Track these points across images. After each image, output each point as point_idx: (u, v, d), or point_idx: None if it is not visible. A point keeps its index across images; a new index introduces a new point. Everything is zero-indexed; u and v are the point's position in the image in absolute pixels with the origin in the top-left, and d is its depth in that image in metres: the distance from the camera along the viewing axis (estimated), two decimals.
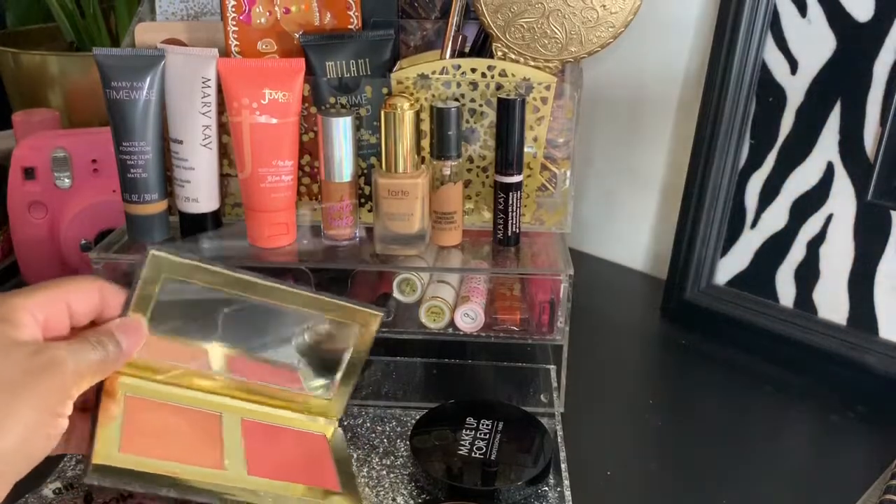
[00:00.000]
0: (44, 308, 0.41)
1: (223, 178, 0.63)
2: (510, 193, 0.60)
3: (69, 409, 0.39)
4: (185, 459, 0.44)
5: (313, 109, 0.61)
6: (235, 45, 0.61)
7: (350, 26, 0.62)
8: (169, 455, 0.44)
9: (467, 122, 0.61)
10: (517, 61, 0.61)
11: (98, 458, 0.41)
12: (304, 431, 0.53)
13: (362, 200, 0.63)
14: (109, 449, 0.42)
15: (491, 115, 0.60)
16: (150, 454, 0.43)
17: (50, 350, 0.39)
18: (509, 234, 0.62)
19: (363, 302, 0.52)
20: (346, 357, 0.53)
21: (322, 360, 0.53)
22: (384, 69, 0.61)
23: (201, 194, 0.61)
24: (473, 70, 0.60)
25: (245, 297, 0.49)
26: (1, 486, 0.36)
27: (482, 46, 0.66)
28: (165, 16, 0.66)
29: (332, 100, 0.61)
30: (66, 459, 0.56)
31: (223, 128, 0.61)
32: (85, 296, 0.43)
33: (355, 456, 0.57)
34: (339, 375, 0.54)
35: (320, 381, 0.54)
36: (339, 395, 0.54)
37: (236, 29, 0.60)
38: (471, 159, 0.62)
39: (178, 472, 0.43)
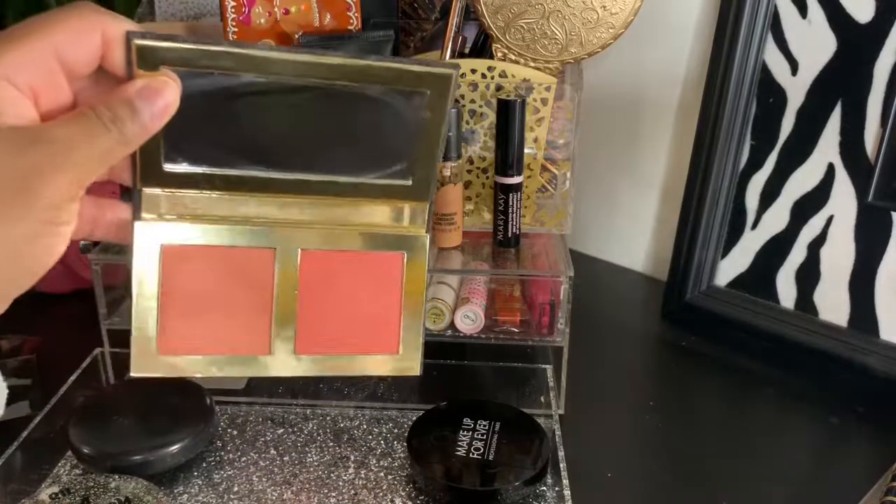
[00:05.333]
0: (27, 68, 0.30)
1: None
2: (510, 195, 0.60)
3: (75, 211, 0.31)
4: (229, 348, 0.40)
5: None
6: None
7: (350, 27, 0.62)
8: (211, 347, 0.40)
9: (467, 123, 0.61)
10: (517, 62, 0.61)
11: (136, 368, 0.38)
12: (377, 254, 0.43)
13: None
14: (147, 351, 0.38)
15: (491, 117, 0.60)
16: (190, 350, 0.39)
17: (43, 140, 0.30)
18: (509, 235, 0.61)
19: (425, 59, 0.40)
20: (419, 129, 0.41)
21: (389, 141, 0.42)
22: None
23: None
24: (473, 71, 0.60)
25: (271, 80, 0.37)
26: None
27: (482, 47, 0.66)
28: (165, 17, 0.66)
29: None
30: (62, 463, 0.56)
31: None
32: (81, 38, 0.31)
33: (352, 458, 0.57)
34: (414, 150, 0.42)
35: (395, 165, 0.43)
36: (423, 175, 0.43)
37: (236, 30, 0.60)
38: (471, 160, 0.62)
39: (219, 368, 0.40)
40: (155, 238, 0.39)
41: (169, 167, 0.38)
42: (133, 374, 0.38)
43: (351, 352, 0.42)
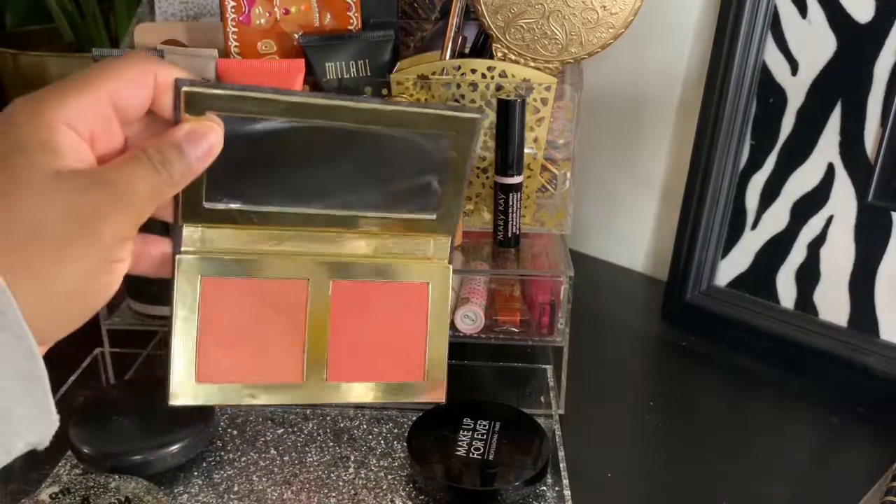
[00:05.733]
0: (86, 115, 0.32)
1: None
2: (510, 195, 0.60)
3: (130, 249, 0.33)
4: (264, 377, 0.42)
5: None
6: (235, 46, 0.61)
7: (350, 27, 0.62)
8: (247, 375, 0.42)
9: None
10: (517, 62, 0.61)
11: (175, 398, 0.40)
12: (404, 283, 0.46)
13: None
14: (185, 380, 0.40)
15: (491, 116, 0.60)
16: (227, 378, 0.41)
17: (101, 182, 0.31)
18: (509, 235, 0.61)
19: (452, 104, 0.43)
20: (444, 167, 0.44)
21: (415, 179, 0.44)
22: (384, 70, 0.61)
23: None
24: (473, 71, 0.60)
25: (307, 124, 0.40)
26: (52, 338, 0.33)
27: (482, 47, 0.66)
28: (165, 17, 0.66)
29: None
30: (62, 463, 0.56)
31: None
32: (136, 87, 0.33)
33: (352, 458, 0.57)
34: (440, 187, 0.44)
35: (421, 201, 0.45)
36: (447, 209, 0.45)
37: (236, 30, 0.60)
38: None
39: (254, 396, 0.41)
40: (195, 271, 0.41)
41: (209, 205, 0.40)
42: (171, 402, 0.39)
43: (379, 379, 0.44)
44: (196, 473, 0.55)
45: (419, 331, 0.46)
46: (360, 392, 0.44)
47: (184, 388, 0.40)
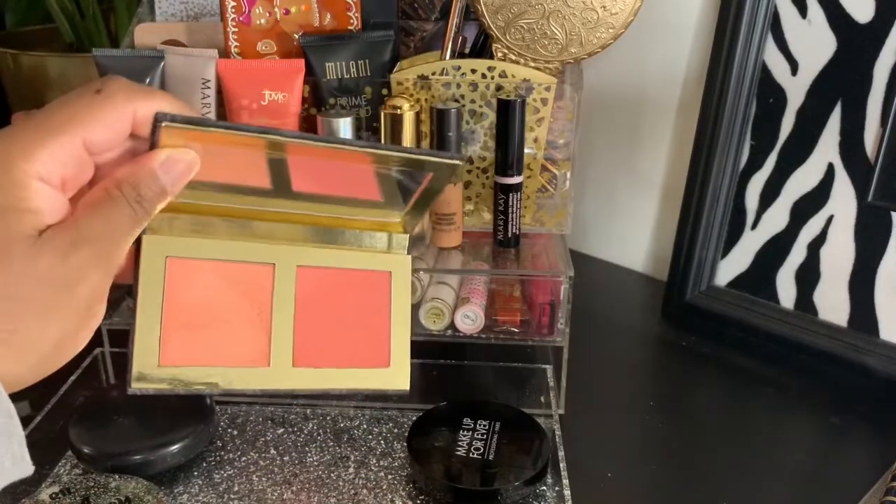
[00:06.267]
0: (60, 164, 0.30)
1: None
2: (510, 195, 0.60)
3: (106, 299, 0.33)
4: (229, 360, 0.42)
5: (313, 111, 0.61)
6: (235, 46, 0.61)
7: (350, 27, 0.62)
8: (212, 358, 0.41)
9: (467, 123, 0.61)
10: (517, 62, 0.61)
11: (137, 381, 0.39)
12: (367, 271, 0.46)
13: None
14: (148, 361, 0.39)
15: (491, 117, 0.60)
16: (191, 361, 0.40)
17: (81, 240, 0.30)
18: (509, 235, 0.61)
19: (431, 150, 0.44)
20: (418, 194, 0.45)
21: (388, 198, 0.46)
22: (384, 70, 0.61)
23: None
24: (473, 71, 0.60)
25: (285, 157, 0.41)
26: (22, 387, 0.32)
27: (482, 47, 0.66)
28: (165, 17, 0.66)
29: (331, 101, 0.61)
30: (62, 463, 0.56)
31: None
32: (113, 129, 0.32)
33: (352, 458, 0.57)
34: (410, 205, 0.46)
35: (389, 210, 0.47)
36: (411, 217, 0.47)
37: (236, 30, 0.60)
38: (471, 160, 0.62)
39: (220, 379, 0.41)
40: (161, 251, 0.40)
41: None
42: (133, 385, 0.38)
43: (345, 365, 0.44)
44: (196, 473, 0.55)
45: (383, 319, 0.46)
46: (327, 377, 0.43)
47: (147, 373, 0.39)
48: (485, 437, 0.55)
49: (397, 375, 0.45)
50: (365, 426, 0.60)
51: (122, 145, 0.33)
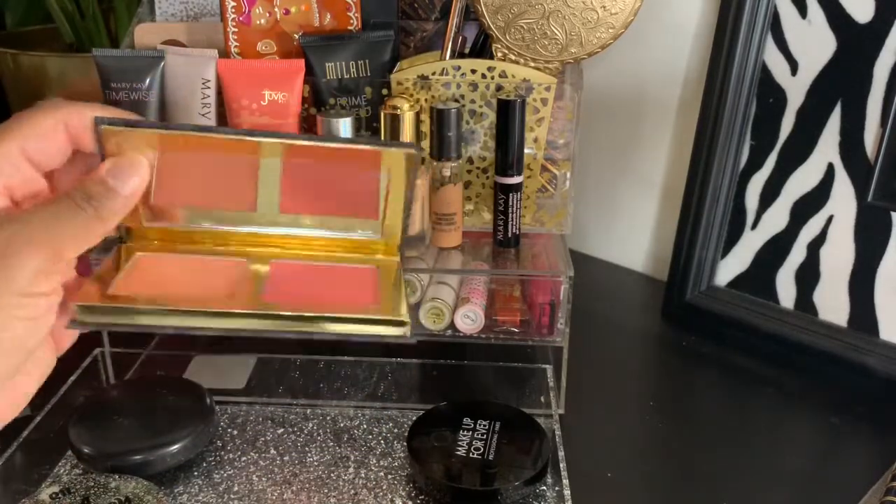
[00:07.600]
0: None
1: None
2: (510, 195, 0.60)
3: (55, 282, 0.34)
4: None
5: (313, 111, 0.61)
6: (235, 47, 0.61)
7: (350, 27, 0.62)
8: (171, 291, 0.39)
9: (467, 123, 0.61)
10: (517, 62, 0.61)
11: (83, 297, 0.36)
12: (350, 267, 0.45)
13: None
14: (99, 290, 0.37)
15: (491, 117, 0.60)
16: (148, 291, 0.38)
17: (18, 220, 0.32)
18: (509, 235, 0.61)
19: (385, 140, 0.43)
20: (385, 195, 0.43)
21: (357, 200, 0.44)
22: (384, 70, 0.61)
23: None
24: (473, 71, 0.60)
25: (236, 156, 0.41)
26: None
27: (482, 47, 0.66)
28: (165, 17, 0.66)
29: (331, 101, 0.61)
30: (62, 463, 0.56)
31: None
32: (46, 138, 0.34)
33: (352, 458, 0.57)
34: (380, 211, 0.44)
35: (363, 222, 0.45)
36: (390, 230, 0.45)
37: (236, 30, 0.60)
38: (471, 160, 0.62)
39: (181, 301, 0.38)
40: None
41: (148, 225, 0.41)
42: (79, 319, 0.37)
43: (328, 301, 0.40)
44: (196, 473, 0.55)
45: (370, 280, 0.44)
46: (306, 319, 0.40)
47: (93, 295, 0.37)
48: (485, 436, 0.55)
49: (392, 314, 0.41)
50: (365, 426, 0.60)
51: (71, 160, 0.36)
